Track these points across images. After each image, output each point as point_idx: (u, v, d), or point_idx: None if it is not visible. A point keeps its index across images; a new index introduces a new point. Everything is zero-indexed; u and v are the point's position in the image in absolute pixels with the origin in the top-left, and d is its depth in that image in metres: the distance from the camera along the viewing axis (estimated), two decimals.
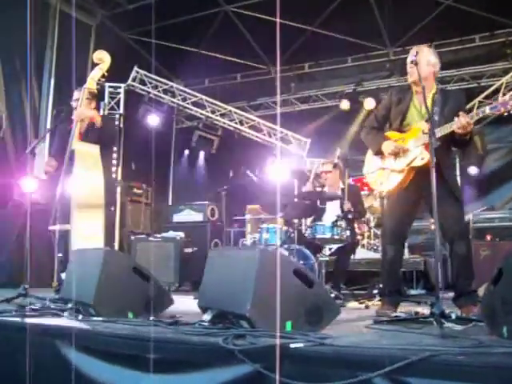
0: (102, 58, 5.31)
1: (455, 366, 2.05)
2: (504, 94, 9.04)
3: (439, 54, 4.29)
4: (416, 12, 8.97)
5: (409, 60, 3.89)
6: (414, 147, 3.99)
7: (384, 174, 4.20)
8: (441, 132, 3.75)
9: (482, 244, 6.87)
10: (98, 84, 5.27)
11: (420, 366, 2.05)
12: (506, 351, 2.20)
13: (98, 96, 5.50)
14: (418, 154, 3.94)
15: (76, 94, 5.35)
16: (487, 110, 3.71)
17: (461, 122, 3.68)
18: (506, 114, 3.61)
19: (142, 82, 10.11)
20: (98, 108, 5.58)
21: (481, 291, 3.99)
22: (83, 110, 5.14)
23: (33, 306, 3.93)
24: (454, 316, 3.08)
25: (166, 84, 10.42)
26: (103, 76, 5.31)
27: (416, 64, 3.74)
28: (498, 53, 9.71)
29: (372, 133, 4.33)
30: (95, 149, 5.05)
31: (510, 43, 9.49)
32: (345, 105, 10.49)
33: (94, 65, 5.45)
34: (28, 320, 3.38)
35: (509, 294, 2.58)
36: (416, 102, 4.09)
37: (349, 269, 6.36)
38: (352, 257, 6.30)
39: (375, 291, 5.56)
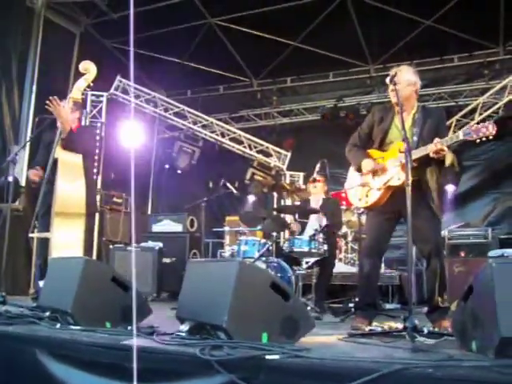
0: (88, 69, 5.32)
1: (426, 378, 2.12)
2: (481, 114, 9.25)
3: (419, 72, 4.40)
4: (397, 30, 9.15)
5: (388, 80, 3.98)
6: (391, 166, 4.09)
7: (363, 191, 4.29)
8: (416, 155, 3.85)
9: (456, 260, 6.97)
10: (82, 94, 5.29)
11: (391, 379, 2.12)
12: (474, 364, 2.28)
13: (82, 106, 5.51)
14: (395, 174, 4.04)
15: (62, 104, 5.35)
16: (461, 135, 3.81)
17: (435, 148, 3.81)
18: (478, 140, 3.73)
19: (125, 91, 10.11)
20: (80, 118, 5.58)
21: (453, 306, 4.09)
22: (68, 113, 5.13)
23: (10, 314, 3.93)
24: (426, 330, 3.16)
25: (149, 94, 10.44)
26: (88, 86, 5.33)
27: (395, 84, 3.84)
28: (475, 73, 9.93)
29: (354, 150, 4.44)
30: (78, 158, 5.05)
31: (488, 64, 9.71)
32: None
33: (78, 73, 5.46)
34: (5, 328, 3.38)
35: (478, 310, 2.66)
36: (397, 122, 4.16)
37: None
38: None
39: (351, 305, 5.63)
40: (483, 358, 2.45)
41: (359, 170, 4.34)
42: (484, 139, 3.69)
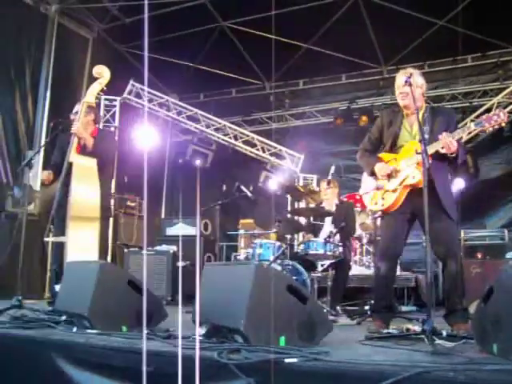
0: (102, 73, 5.35)
1: (446, 382, 2.09)
2: None
3: (432, 72, 4.38)
4: (410, 31, 9.10)
5: (402, 82, 3.96)
6: (405, 166, 4.06)
7: (379, 194, 4.26)
8: (430, 150, 3.80)
9: (472, 262, 6.91)
10: (96, 98, 5.32)
11: (412, 382, 2.09)
12: (495, 368, 2.24)
13: (97, 109, 5.55)
14: (410, 173, 4.02)
15: (76, 107, 5.39)
16: (472, 126, 3.78)
17: (443, 142, 3.77)
18: (490, 129, 3.67)
19: (138, 96, 10.15)
20: (96, 121, 5.61)
21: (471, 308, 4.04)
22: (82, 129, 5.17)
23: (26, 318, 3.94)
24: (444, 333, 3.12)
25: (162, 98, 10.47)
26: (102, 90, 5.36)
27: (410, 85, 3.82)
28: (490, 73, 9.87)
29: (365, 155, 4.44)
30: (92, 162, 5.08)
31: (502, 64, 9.64)
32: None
33: (92, 78, 5.50)
34: (22, 332, 3.39)
35: (499, 312, 2.62)
36: (407, 124, 4.18)
37: None
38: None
39: (367, 307, 5.59)
40: (505, 362, 2.41)
41: (372, 174, 4.33)
42: (496, 127, 3.64)
